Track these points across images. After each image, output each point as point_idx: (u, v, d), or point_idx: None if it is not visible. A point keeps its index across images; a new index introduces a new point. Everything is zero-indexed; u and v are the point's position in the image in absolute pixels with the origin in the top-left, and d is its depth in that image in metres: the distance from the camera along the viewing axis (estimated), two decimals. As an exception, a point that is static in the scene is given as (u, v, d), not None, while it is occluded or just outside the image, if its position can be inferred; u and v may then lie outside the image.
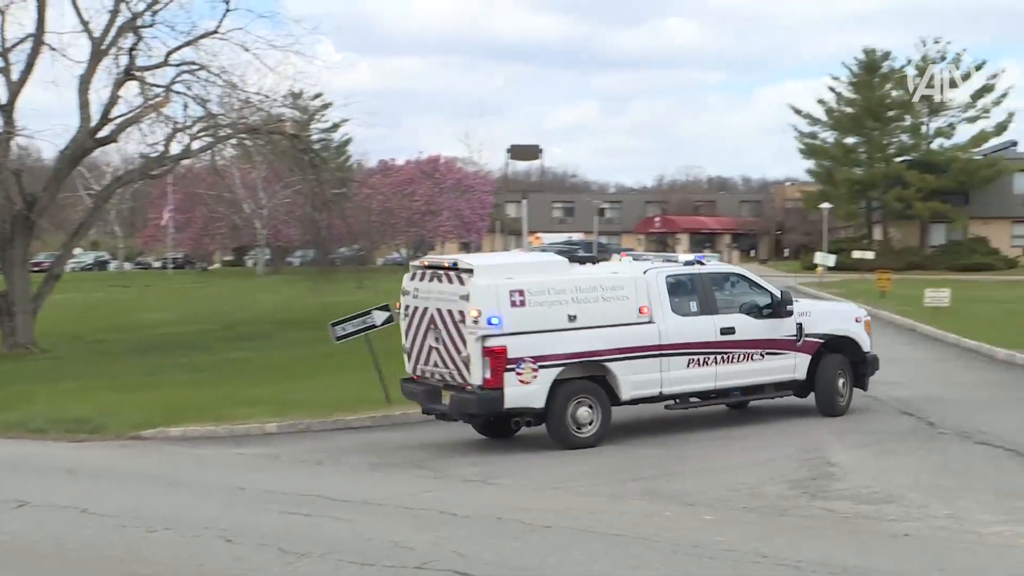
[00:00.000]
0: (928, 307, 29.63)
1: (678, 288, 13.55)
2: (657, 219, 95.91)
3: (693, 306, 13.56)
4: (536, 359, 12.42)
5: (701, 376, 13.48)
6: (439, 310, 12.77)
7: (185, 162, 32.85)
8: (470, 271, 12.52)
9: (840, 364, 14.73)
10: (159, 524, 9.27)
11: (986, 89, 63.89)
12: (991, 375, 19.22)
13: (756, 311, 14.04)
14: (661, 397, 13.46)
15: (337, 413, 15.47)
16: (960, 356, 22.02)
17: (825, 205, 60.64)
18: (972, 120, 64.76)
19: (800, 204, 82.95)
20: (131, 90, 25.70)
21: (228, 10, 25.77)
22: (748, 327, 13.85)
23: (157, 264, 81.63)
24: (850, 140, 68.07)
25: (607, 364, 12.85)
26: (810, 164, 70.92)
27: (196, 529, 9.04)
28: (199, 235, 72.74)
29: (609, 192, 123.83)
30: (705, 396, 13.78)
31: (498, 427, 13.53)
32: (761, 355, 13.93)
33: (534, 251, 54.90)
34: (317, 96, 63.77)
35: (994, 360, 21.06)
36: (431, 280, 12.95)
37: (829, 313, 15.36)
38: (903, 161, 65.29)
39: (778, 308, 14.12)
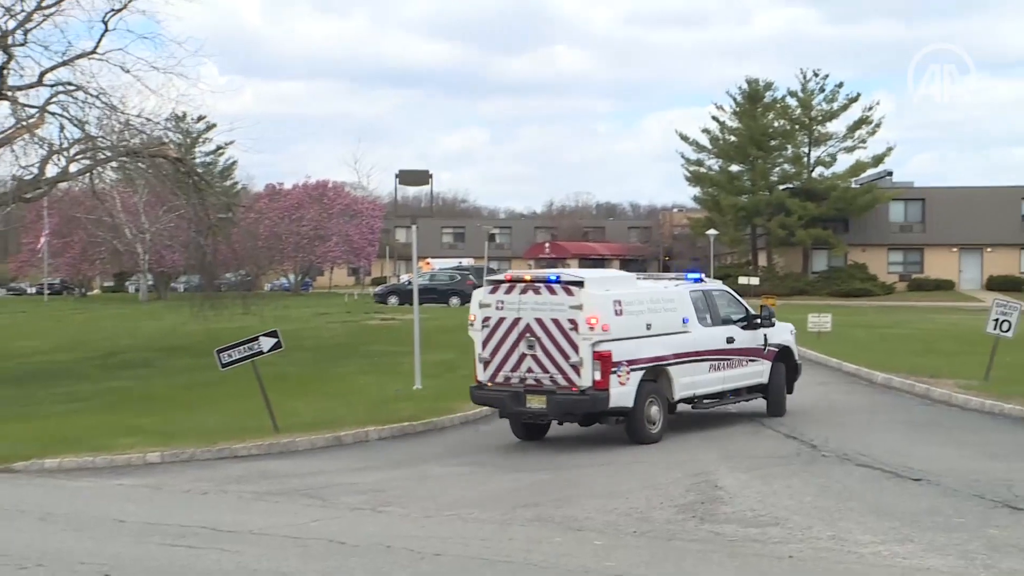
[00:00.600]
0: (811, 332, 30.39)
1: (696, 302, 15.75)
2: (547, 245, 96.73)
3: (708, 318, 15.81)
4: (629, 363, 14.37)
5: (716, 380, 15.81)
6: (538, 320, 14.35)
7: (62, 185, 31.90)
8: (580, 283, 14.32)
9: (783, 371, 17.09)
10: (31, 561, 8.90)
11: (862, 121, 66.18)
12: (870, 398, 19.79)
13: (743, 322, 16.33)
14: (693, 399, 15.49)
15: (223, 441, 15.17)
16: (841, 380, 22.63)
17: (711, 232, 61.94)
18: (850, 150, 67.07)
19: (687, 230, 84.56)
20: (2, 110, 24.85)
21: (107, 30, 25.18)
22: (741, 337, 16.23)
23: (32, 290, 79.12)
24: (735, 168, 69.66)
25: (668, 368, 14.96)
26: (696, 191, 72.44)
27: (72, 565, 8.73)
28: (77, 260, 70.59)
29: (499, 218, 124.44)
30: (715, 397, 15.94)
31: (534, 429, 15.39)
32: (746, 362, 16.40)
33: (423, 276, 55.36)
34: (201, 119, 62.63)
35: (873, 383, 21.71)
36: (524, 293, 14.56)
37: (778, 327, 17.38)
38: (786, 189, 67.11)
39: (753, 320, 16.48)
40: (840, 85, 67.05)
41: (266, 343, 16.09)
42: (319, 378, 22.15)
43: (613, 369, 14.13)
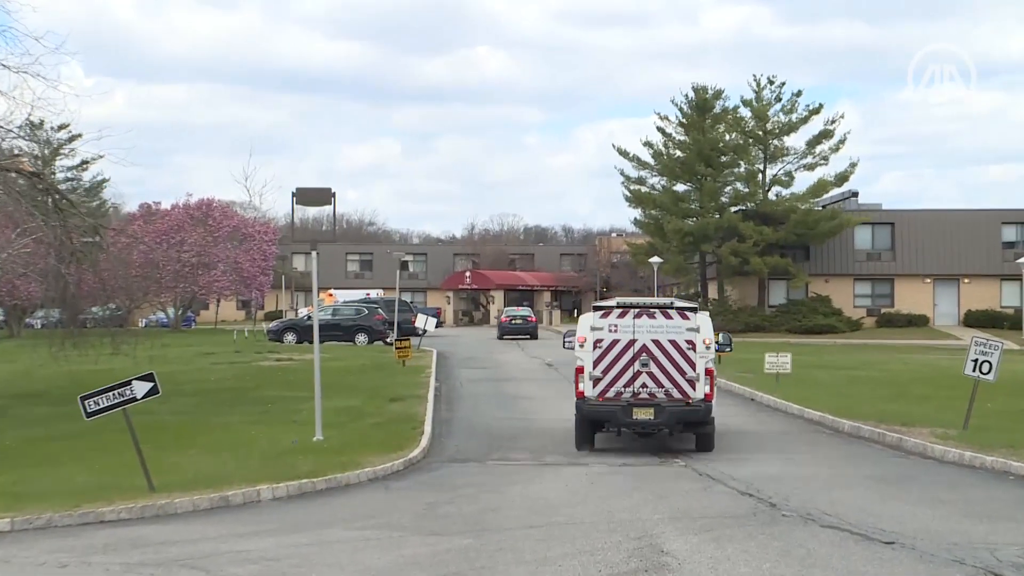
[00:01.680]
0: (768, 374, 30.77)
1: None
2: (468, 274, 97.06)
3: None
4: (713, 378, 19.75)
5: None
6: (655, 341, 19.39)
7: None
8: (694, 309, 19.60)
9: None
10: None
11: (824, 135, 66.86)
12: (836, 449, 20.10)
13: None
14: None
15: (86, 504, 14.87)
16: (804, 429, 22.93)
17: (655, 259, 61.98)
18: (810, 167, 67.65)
19: (627, 257, 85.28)
20: None
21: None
22: None
23: None
24: (681, 187, 70.18)
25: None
26: (637, 214, 72.88)
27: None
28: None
29: (412, 243, 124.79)
30: None
31: (592, 436, 20.10)
32: None
33: (325, 310, 55.18)
34: (63, 127, 61.83)
35: (839, 432, 22.04)
36: (638, 317, 19.53)
37: None
38: (738, 211, 67.29)
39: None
40: (799, 94, 68.04)
41: (140, 388, 15.86)
42: (203, 428, 21.87)
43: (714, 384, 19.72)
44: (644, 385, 19.51)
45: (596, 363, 19.72)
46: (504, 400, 28.94)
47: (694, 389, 19.39)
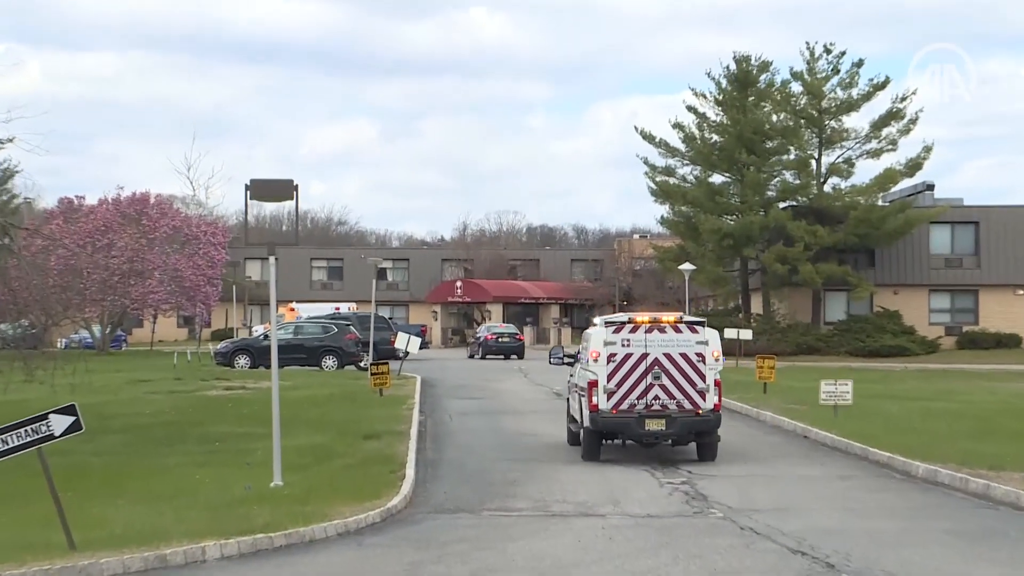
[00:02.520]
0: (825, 405, 30.78)
1: None
2: (459, 284, 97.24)
3: None
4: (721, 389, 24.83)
5: None
6: (667, 354, 24.16)
7: None
8: (703, 323, 24.67)
9: None
10: None
11: (892, 115, 66.82)
12: (907, 498, 20.06)
13: None
14: None
15: (-7, 566, 14.83)
16: (868, 472, 22.89)
17: (686, 267, 61.62)
18: (875, 154, 67.67)
19: (653, 264, 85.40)
20: None
21: None
22: None
23: None
24: (717, 179, 70.36)
25: None
26: (665, 210, 73.05)
27: None
28: None
29: (392, 247, 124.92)
30: None
31: (599, 447, 24.81)
32: None
33: (285, 328, 55.22)
34: (-32, 104, 62.11)
35: (911, 477, 21.98)
36: (649, 332, 24.30)
37: None
38: (788, 208, 67.50)
39: None
40: (860, 64, 68.01)
41: (59, 423, 15.82)
42: (135, 472, 21.85)
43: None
44: (656, 397, 24.25)
45: (610, 377, 24.24)
46: (503, 437, 28.99)
47: (704, 400, 24.22)
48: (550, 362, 42.73)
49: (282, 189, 20.29)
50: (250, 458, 23.11)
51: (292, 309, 73.66)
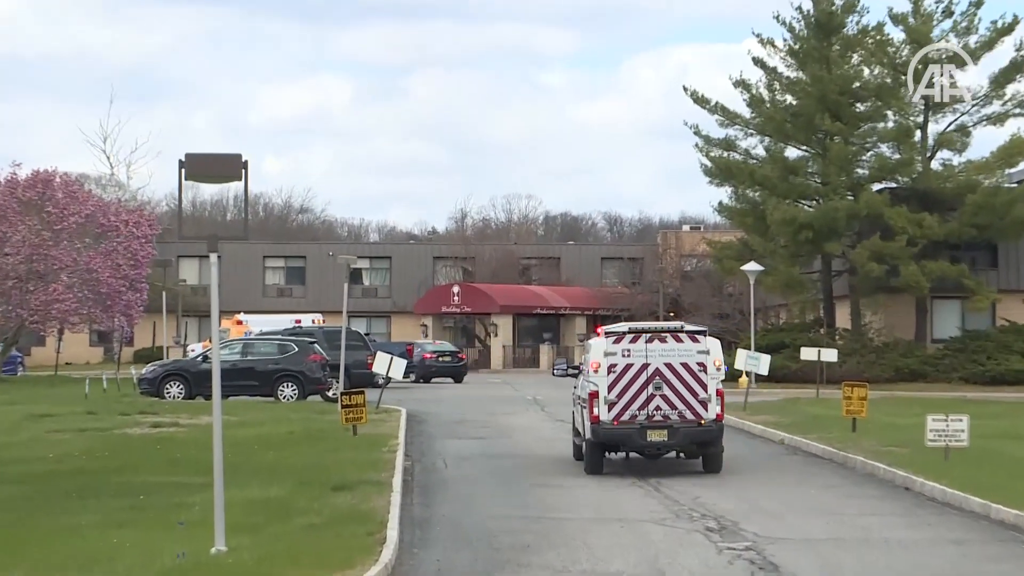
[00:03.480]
0: (933, 447, 30.71)
1: None
2: (456, 290, 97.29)
3: None
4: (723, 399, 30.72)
5: None
6: (668, 364, 29.80)
7: None
8: (703, 332, 30.50)
9: None
10: None
11: (1019, 66, 66.78)
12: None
13: None
14: None
15: None
16: (989, 536, 22.80)
17: (751, 267, 61.18)
18: (998, 119, 67.18)
19: (708, 264, 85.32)
20: None
21: None
22: None
23: None
24: (792, 152, 70.10)
25: None
26: (723, 194, 72.96)
27: None
28: None
29: (369, 241, 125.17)
30: None
31: (602, 460, 30.98)
32: None
33: (230, 346, 55.27)
34: None
35: (1046, 542, 21.91)
36: (650, 342, 29.99)
37: None
38: (883, 190, 67.48)
39: None
40: (979, 3, 67.44)
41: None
42: (36, 535, 21.82)
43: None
44: (658, 408, 29.95)
45: (611, 387, 30.02)
46: (513, 488, 29.11)
47: (706, 410, 29.94)
48: (553, 373, 48.44)
49: (227, 166, 20.26)
50: (184, 516, 23.08)
51: (240, 322, 73.78)
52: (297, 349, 56.08)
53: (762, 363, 48.96)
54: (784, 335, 67.64)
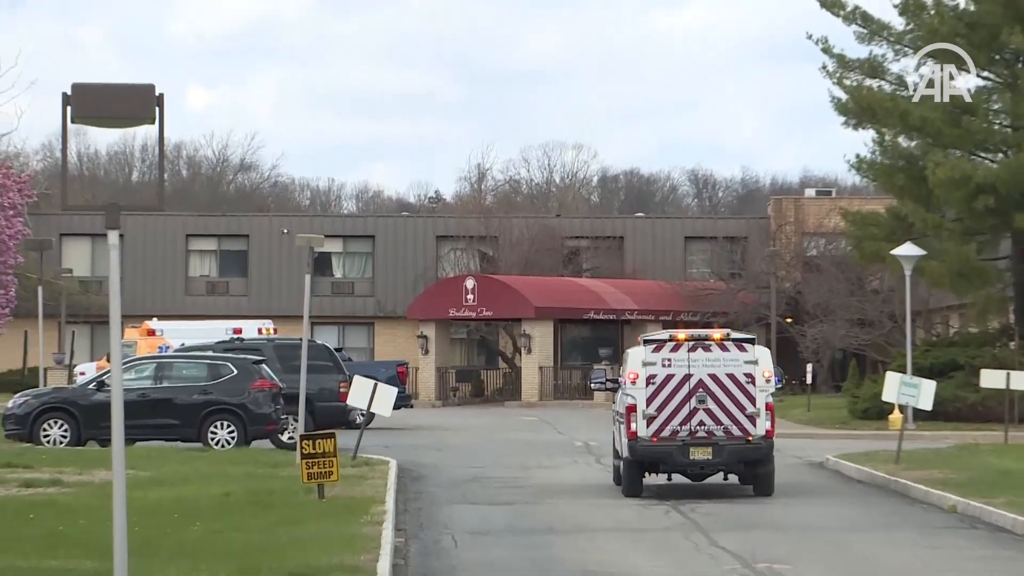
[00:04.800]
0: None
1: None
2: (470, 285, 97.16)
3: None
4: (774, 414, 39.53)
5: None
6: (712, 375, 37.09)
7: None
8: (752, 340, 38.48)
9: None
10: None
11: None
12: None
13: None
14: None
15: None
16: None
17: (906, 250, 61.21)
18: None
19: (842, 246, 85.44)
20: None
21: None
22: None
23: None
24: (966, 83, 70.15)
25: None
26: (862, 142, 73.06)
27: None
28: None
29: (342, 214, 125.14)
30: None
31: (642, 480, 38.89)
32: None
33: (140, 365, 55.35)
34: None
35: None
36: (693, 350, 37.17)
37: None
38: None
39: None
40: None
41: None
42: None
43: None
44: (701, 423, 36.86)
45: (650, 400, 36.93)
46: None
47: (754, 425, 36.83)
48: (591, 386, 58.31)
49: (132, 103, 20.22)
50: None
51: (152, 332, 73.95)
52: (236, 372, 55.91)
53: (923, 393, 48.65)
54: (956, 351, 67.43)
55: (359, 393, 46.33)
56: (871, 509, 32.78)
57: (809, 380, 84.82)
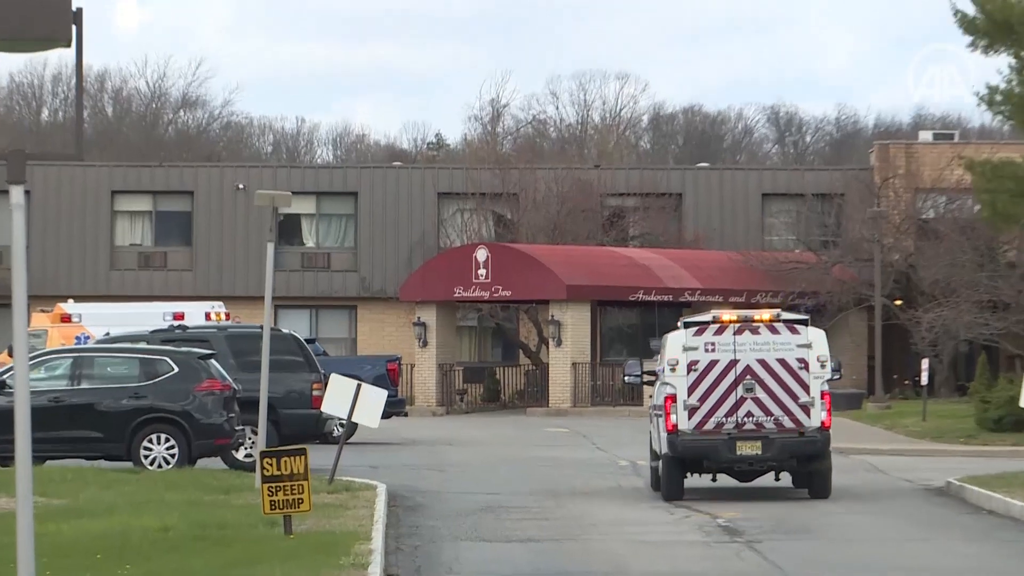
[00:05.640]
0: None
1: None
2: (481, 256, 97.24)
3: None
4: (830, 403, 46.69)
5: None
6: (761, 361, 42.33)
7: None
8: (804, 322, 44.38)
9: None
10: None
11: None
12: None
13: None
14: None
15: None
16: None
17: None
18: None
19: (968, 206, 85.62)
20: None
21: None
22: None
23: None
24: None
25: None
26: (996, 68, 73.14)
27: None
28: None
29: (315, 164, 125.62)
30: None
31: (683, 480, 44.38)
32: None
33: (51, 361, 55.41)
34: None
35: None
36: (739, 333, 42.57)
37: None
38: None
39: None
40: None
41: None
42: None
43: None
44: (749, 413, 40.38)
45: (691, 389, 40.46)
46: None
47: (808, 416, 40.43)
48: (624, 379, 58.77)
49: (41, 19, 20.25)
50: None
51: (67, 317, 74.08)
52: (177, 370, 55.84)
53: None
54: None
55: (337, 397, 46.32)
56: (1008, 550, 32.39)
57: (924, 380, 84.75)
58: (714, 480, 40.44)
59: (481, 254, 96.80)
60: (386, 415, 48.89)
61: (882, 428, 78.49)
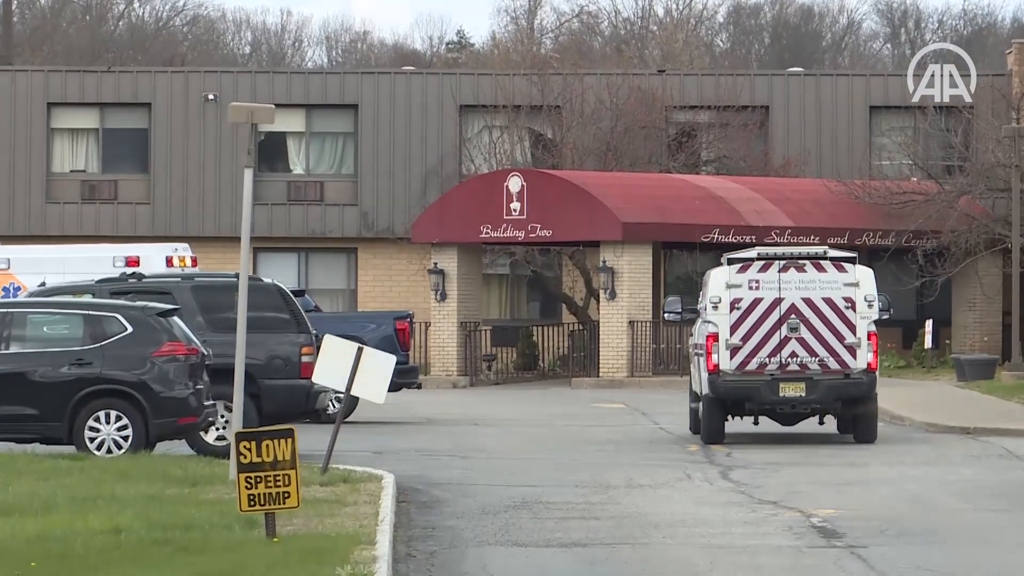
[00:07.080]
0: None
1: None
2: (515, 186, 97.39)
3: None
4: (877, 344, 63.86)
5: None
6: (806, 299, 54.77)
7: None
8: (852, 259, 57.59)
9: None
10: None
11: None
12: None
13: None
14: None
15: None
16: None
17: None
18: None
19: None
20: None
21: None
22: None
23: None
24: None
25: None
26: None
27: None
28: None
29: (304, 70, 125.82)
30: None
31: (724, 422, 56.68)
32: None
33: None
34: None
35: None
36: (784, 270, 55.10)
37: None
38: None
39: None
40: None
41: None
42: None
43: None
44: (793, 354, 48.22)
45: (734, 328, 48.17)
46: None
47: (854, 357, 49.14)
48: (664, 318, 71.55)
49: None
50: None
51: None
52: (131, 330, 55.76)
53: None
54: None
55: (333, 364, 46.27)
56: None
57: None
58: (756, 423, 45.29)
59: (514, 183, 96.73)
60: (394, 387, 48.95)
61: (1019, 403, 79.13)
